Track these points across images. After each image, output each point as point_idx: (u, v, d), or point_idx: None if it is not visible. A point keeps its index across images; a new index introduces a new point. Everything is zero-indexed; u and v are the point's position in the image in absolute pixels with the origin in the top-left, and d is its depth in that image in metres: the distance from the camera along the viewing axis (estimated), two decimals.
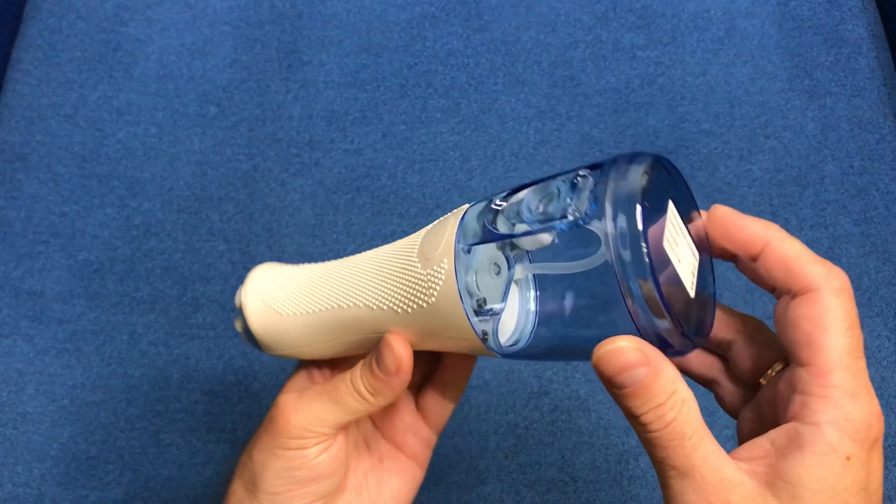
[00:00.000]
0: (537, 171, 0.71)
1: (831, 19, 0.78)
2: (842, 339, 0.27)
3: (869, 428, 0.26)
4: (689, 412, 0.27)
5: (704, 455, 0.27)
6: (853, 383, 0.27)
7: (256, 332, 0.39)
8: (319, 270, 0.40)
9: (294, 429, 0.34)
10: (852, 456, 0.26)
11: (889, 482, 0.61)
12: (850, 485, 0.26)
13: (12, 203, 0.70)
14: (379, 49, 0.77)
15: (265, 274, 0.41)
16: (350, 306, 0.37)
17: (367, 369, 0.34)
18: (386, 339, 0.34)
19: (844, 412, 0.26)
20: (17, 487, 0.60)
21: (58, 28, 0.77)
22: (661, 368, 0.27)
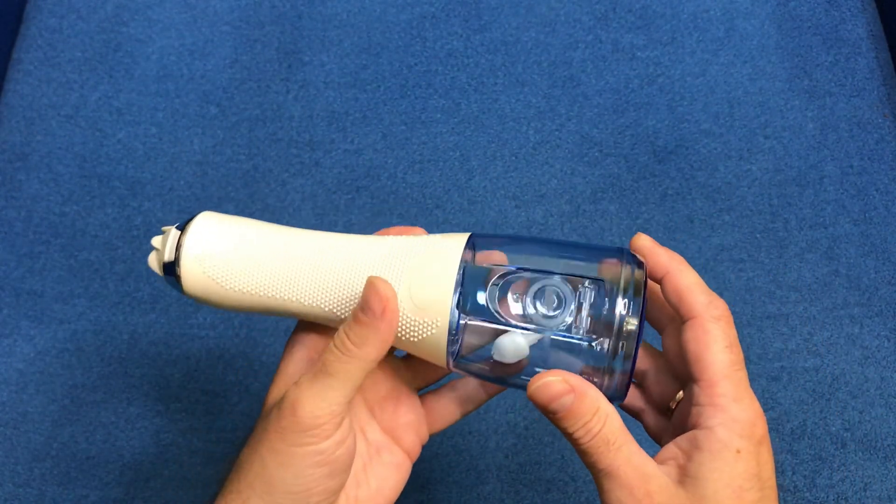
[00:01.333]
0: (537, 171, 0.71)
1: (831, 20, 0.79)
2: (722, 356, 0.33)
3: (753, 426, 0.32)
4: (612, 423, 0.33)
5: (626, 456, 0.32)
6: (736, 391, 0.33)
7: (190, 293, 0.37)
8: (278, 247, 0.36)
9: (305, 420, 0.33)
10: (742, 449, 0.32)
11: (889, 482, 0.61)
12: (743, 472, 0.32)
13: (13, 203, 0.70)
14: (379, 49, 0.77)
15: (207, 235, 0.37)
16: (313, 306, 0.36)
17: (351, 321, 0.33)
18: (370, 282, 0.33)
19: (730, 415, 0.32)
20: (18, 487, 0.60)
21: (58, 28, 0.77)
22: (584, 392, 0.33)
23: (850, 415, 0.62)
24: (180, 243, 0.37)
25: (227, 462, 0.62)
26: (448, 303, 0.34)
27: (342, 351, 0.33)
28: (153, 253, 0.38)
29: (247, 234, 0.37)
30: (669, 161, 0.72)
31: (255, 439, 0.35)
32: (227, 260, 0.36)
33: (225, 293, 0.36)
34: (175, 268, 0.37)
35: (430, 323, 0.34)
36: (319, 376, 0.33)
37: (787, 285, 0.67)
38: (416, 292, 0.34)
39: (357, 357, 0.33)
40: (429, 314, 0.34)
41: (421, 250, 0.35)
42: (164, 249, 0.37)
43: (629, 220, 0.69)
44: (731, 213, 0.70)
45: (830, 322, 0.66)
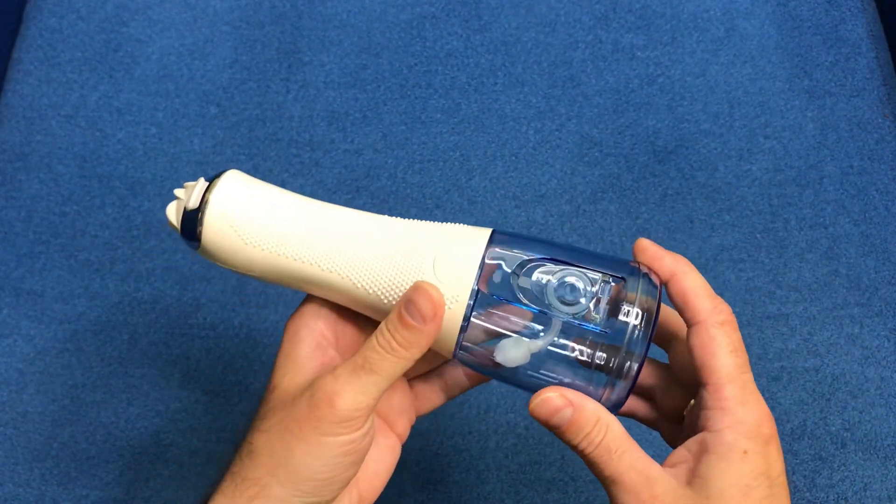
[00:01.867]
0: (537, 172, 0.71)
1: (831, 20, 0.79)
2: (728, 360, 0.34)
3: (759, 426, 0.33)
4: (613, 432, 0.34)
5: (630, 462, 0.33)
6: (741, 394, 0.33)
7: (208, 246, 0.36)
8: (309, 214, 0.36)
9: (343, 412, 0.33)
10: (749, 450, 0.32)
11: (889, 482, 0.61)
12: (750, 471, 0.32)
13: (13, 203, 0.70)
14: (379, 49, 0.77)
15: (238, 189, 0.36)
16: (332, 273, 0.36)
17: (398, 323, 0.34)
18: (422, 287, 0.34)
19: (737, 417, 0.33)
20: (18, 487, 0.60)
21: (58, 28, 0.77)
22: (583, 406, 0.34)
23: (850, 415, 0.62)
24: (208, 193, 0.35)
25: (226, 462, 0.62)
26: (471, 279, 0.35)
27: (387, 350, 0.34)
28: (174, 203, 0.36)
29: (277, 193, 0.37)
30: (669, 161, 0.72)
31: (276, 426, 0.35)
32: (255, 216, 0.36)
33: (245, 249, 0.36)
34: (198, 216, 0.35)
35: (451, 297, 0.35)
36: (360, 372, 0.34)
37: (787, 285, 0.67)
38: (440, 268, 0.35)
39: (401, 358, 0.34)
40: (450, 288, 0.35)
41: (451, 233, 0.36)
42: (187, 197, 0.36)
43: (629, 220, 0.69)
44: (731, 213, 0.70)
45: (830, 322, 0.66)
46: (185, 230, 0.36)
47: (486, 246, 0.35)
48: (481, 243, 0.35)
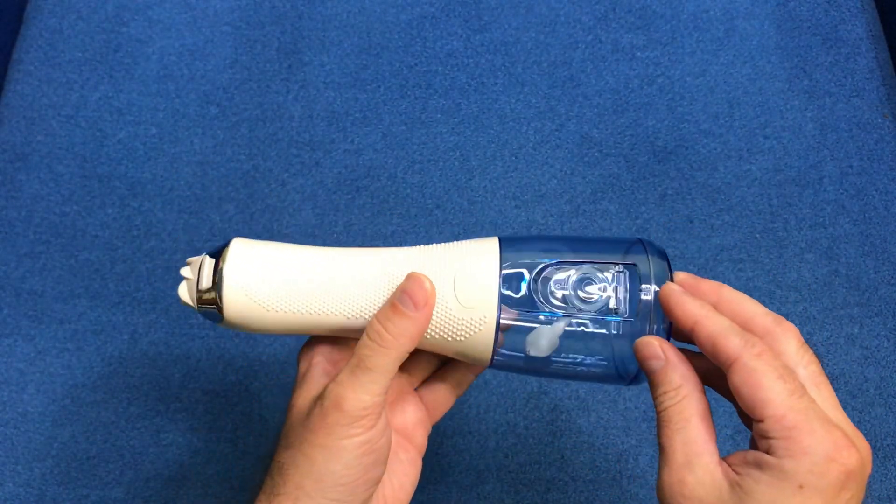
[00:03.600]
0: (537, 171, 0.71)
1: (830, 20, 0.79)
2: (778, 386, 0.31)
3: (829, 461, 0.29)
4: (683, 406, 0.33)
5: (683, 440, 0.32)
6: (806, 421, 0.30)
7: (230, 319, 0.37)
8: (318, 266, 0.37)
9: (352, 413, 0.34)
10: (806, 486, 0.29)
11: (889, 482, 0.61)
12: None
13: (13, 203, 0.70)
14: (379, 49, 0.77)
15: (247, 259, 0.37)
16: (357, 318, 0.36)
17: (390, 313, 0.34)
18: (412, 275, 0.35)
19: (801, 447, 0.30)
20: (18, 487, 0.60)
21: (59, 28, 0.77)
22: (674, 366, 0.33)
23: (849, 414, 0.62)
24: (219, 269, 0.36)
25: (228, 461, 0.62)
26: (494, 300, 0.35)
27: (379, 343, 0.34)
28: (184, 283, 0.37)
29: (285, 255, 0.37)
30: (669, 161, 0.72)
31: (296, 441, 0.36)
32: (270, 282, 0.36)
33: (267, 315, 0.36)
34: (216, 294, 0.36)
35: (479, 320, 0.36)
36: (358, 371, 0.34)
37: (787, 285, 0.67)
38: (462, 293, 0.36)
39: (394, 348, 0.34)
40: (476, 312, 0.36)
41: (459, 254, 0.37)
42: (198, 277, 0.36)
43: (629, 220, 0.69)
44: (731, 213, 0.70)
45: (830, 322, 0.66)
46: (204, 307, 0.37)
47: (500, 262, 0.36)
48: (494, 257, 0.36)
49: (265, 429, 0.62)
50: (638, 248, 0.37)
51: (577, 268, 0.36)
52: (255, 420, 0.63)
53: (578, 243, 0.38)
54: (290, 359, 0.64)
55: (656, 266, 0.36)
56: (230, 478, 0.61)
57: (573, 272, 0.36)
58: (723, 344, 0.33)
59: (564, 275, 0.36)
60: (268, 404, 0.63)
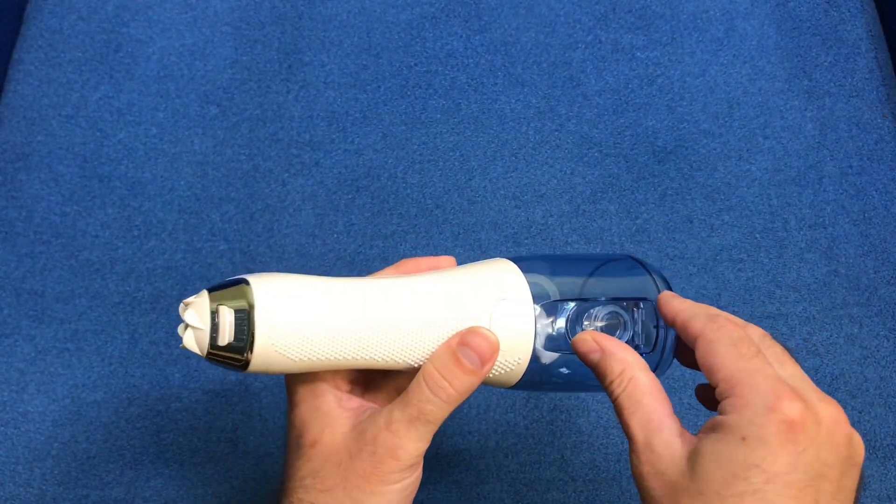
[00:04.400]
0: (537, 171, 0.71)
1: (830, 20, 0.79)
2: (730, 352, 0.32)
3: (769, 410, 0.30)
4: (631, 390, 0.33)
5: (640, 422, 0.33)
6: (749, 377, 0.31)
7: (253, 370, 0.34)
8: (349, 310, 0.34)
9: (407, 462, 0.35)
10: (748, 436, 0.30)
11: (889, 482, 0.61)
12: (742, 460, 0.29)
13: (13, 203, 0.70)
14: (379, 50, 0.77)
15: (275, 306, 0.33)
16: (389, 360, 0.35)
17: (455, 369, 0.34)
18: (480, 332, 0.35)
19: (743, 401, 0.31)
20: (18, 487, 0.61)
21: (59, 29, 0.77)
22: (610, 353, 0.35)
23: (849, 414, 0.62)
24: (247, 324, 0.32)
25: (228, 461, 0.62)
26: (530, 343, 0.36)
27: (444, 399, 0.34)
28: (190, 332, 0.33)
29: (311, 298, 0.34)
30: (669, 161, 0.72)
31: (339, 485, 0.35)
32: (299, 332, 0.33)
33: (292, 364, 0.34)
34: (244, 351, 0.33)
35: (513, 362, 0.37)
36: (418, 423, 0.34)
37: (787, 285, 0.67)
38: (500, 334, 0.36)
39: (456, 402, 0.35)
40: (512, 355, 0.36)
41: (493, 292, 0.36)
42: (214, 328, 0.33)
43: (629, 220, 0.69)
44: (731, 213, 0.70)
45: (830, 322, 0.66)
46: (220, 362, 0.33)
47: (532, 302, 0.37)
48: (528, 300, 0.37)
49: (265, 429, 0.62)
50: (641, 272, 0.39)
51: (603, 307, 0.38)
52: (255, 420, 0.63)
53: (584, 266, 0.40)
54: None
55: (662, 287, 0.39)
56: (230, 478, 0.61)
57: (600, 312, 0.38)
58: (691, 325, 0.35)
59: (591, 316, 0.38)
60: (268, 404, 0.63)
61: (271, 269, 0.67)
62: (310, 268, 0.67)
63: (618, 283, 0.39)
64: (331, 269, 0.67)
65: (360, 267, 0.67)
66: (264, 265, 0.67)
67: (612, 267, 0.40)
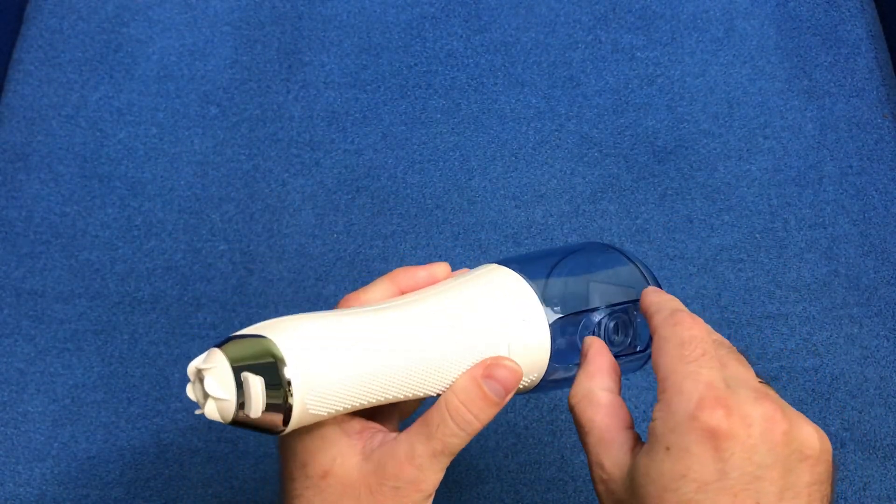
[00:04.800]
0: (537, 171, 0.71)
1: (830, 20, 0.79)
2: (675, 352, 0.31)
3: (691, 419, 0.28)
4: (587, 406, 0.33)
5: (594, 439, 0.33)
6: (679, 381, 0.30)
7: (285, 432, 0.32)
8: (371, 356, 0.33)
9: (431, 490, 0.34)
10: (671, 446, 0.29)
11: (888, 482, 0.61)
12: (668, 471, 0.28)
13: (13, 203, 0.70)
14: (379, 50, 0.77)
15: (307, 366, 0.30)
16: (410, 395, 0.35)
17: (480, 402, 0.34)
18: (500, 362, 0.35)
19: (669, 407, 0.29)
20: (18, 487, 0.61)
21: (59, 29, 0.77)
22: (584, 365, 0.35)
23: (849, 415, 0.63)
24: (289, 386, 0.30)
25: (228, 461, 0.62)
26: (545, 364, 0.37)
27: (468, 431, 0.34)
28: (211, 402, 0.31)
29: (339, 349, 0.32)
30: (669, 161, 0.72)
31: None
32: (333, 390, 0.32)
33: (322, 417, 0.33)
34: (279, 421, 0.30)
35: (528, 381, 0.37)
36: (441, 457, 0.34)
37: (787, 285, 0.67)
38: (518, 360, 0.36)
39: (476, 430, 0.34)
40: (528, 375, 0.37)
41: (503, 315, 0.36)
42: (242, 398, 0.30)
43: (629, 220, 0.69)
44: (731, 213, 0.70)
45: (830, 322, 0.66)
46: (251, 429, 0.31)
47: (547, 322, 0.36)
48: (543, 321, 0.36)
49: None
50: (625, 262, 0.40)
51: (608, 314, 0.38)
52: None
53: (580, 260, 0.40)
54: None
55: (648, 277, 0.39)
56: (230, 478, 0.61)
57: (605, 319, 0.38)
58: (653, 319, 0.34)
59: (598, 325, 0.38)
60: None
61: (271, 269, 0.67)
62: (310, 268, 0.67)
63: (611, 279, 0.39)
64: (331, 269, 0.67)
65: (360, 267, 0.67)
66: (264, 265, 0.67)
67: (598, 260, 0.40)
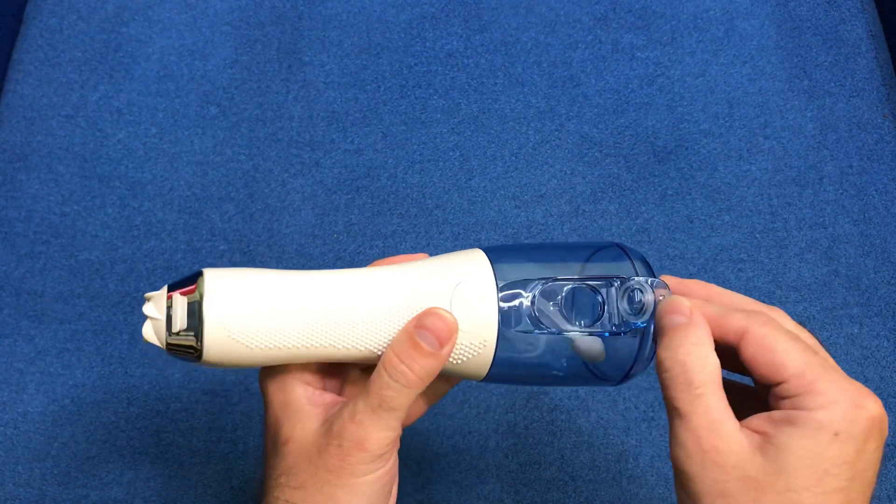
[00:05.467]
0: (537, 171, 0.71)
1: (830, 20, 0.79)
2: (791, 347, 0.31)
3: (858, 408, 0.30)
4: (707, 370, 0.31)
5: (706, 405, 0.31)
6: (827, 375, 0.30)
7: (209, 361, 0.34)
8: (305, 295, 0.34)
9: (375, 452, 0.34)
10: (841, 433, 0.29)
11: (889, 482, 0.61)
12: (835, 457, 0.29)
13: (13, 203, 0.70)
14: (379, 50, 0.77)
15: (228, 292, 0.33)
16: (350, 348, 0.35)
17: (413, 353, 0.33)
18: (436, 313, 0.34)
19: (830, 398, 0.30)
20: (18, 487, 0.60)
21: (58, 28, 0.77)
22: (698, 326, 0.32)
23: None
24: (198, 308, 0.33)
25: (228, 461, 0.62)
26: (494, 323, 0.35)
27: (405, 384, 0.34)
28: (149, 323, 0.34)
29: (268, 284, 0.34)
30: (669, 161, 0.72)
31: (309, 480, 0.35)
32: (257, 317, 0.33)
33: (250, 353, 0.34)
34: (194, 336, 0.33)
35: (478, 344, 0.35)
36: (380, 411, 0.34)
37: (787, 285, 0.67)
38: (461, 317, 0.34)
39: (418, 387, 0.34)
40: (476, 336, 0.35)
41: (453, 275, 0.35)
42: (169, 317, 0.33)
43: (629, 220, 0.69)
44: (731, 213, 0.70)
45: (830, 322, 0.66)
46: (178, 352, 0.34)
47: (496, 283, 0.35)
48: (490, 281, 0.35)
49: None
50: (621, 257, 0.37)
51: (572, 284, 0.36)
52: (255, 420, 0.63)
53: (561, 252, 0.38)
54: None
55: (642, 272, 0.36)
56: (230, 478, 0.61)
57: (568, 289, 0.36)
58: (728, 321, 0.33)
59: (560, 293, 0.36)
60: None
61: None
62: (309, 268, 0.67)
63: (593, 267, 0.37)
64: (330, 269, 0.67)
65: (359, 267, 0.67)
66: (264, 265, 0.67)
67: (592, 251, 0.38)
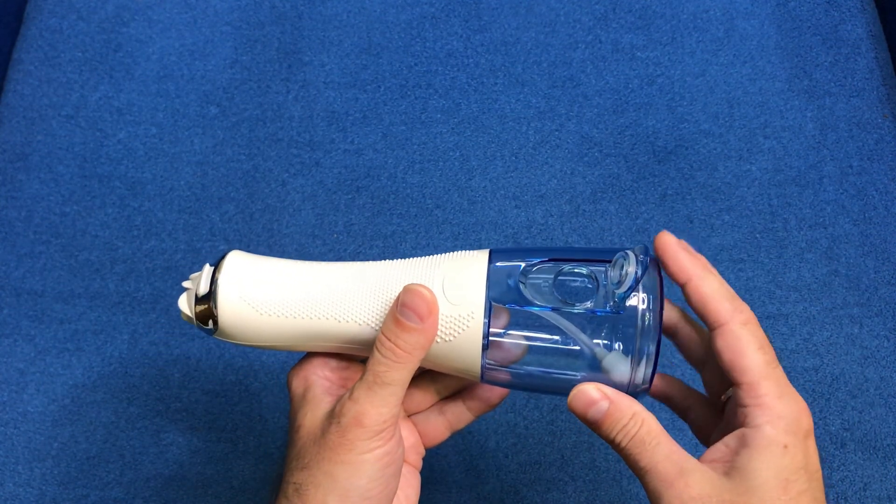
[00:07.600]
0: (537, 171, 0.71)
1: (830, 20, 0.79)
2: (757, 357, 0.34)
3: (798, 421, 0.34)
4: (649, 425, 0.35)
5: (665, 453, 0.34)
6: (777, 389, 0.34)
7: (224, 325, 0.38)
8: (312, 275, 0.38)
9: (373, 428, 0.35)
10: (789, 444, 0.33)
11: (889, 482, 0.61)
12: (790, 465, 0.33)
13: (13, 203, 0.70)
14: (379, 50, 0.77)
15: (243, 266, 0.38)
16: (349, 322, 0.37)
17: (396, 329, 0.35)
18: (412, 289, 0.35)
19: (776, 412, 0.34)
20: (18, 487, 0.61)
21: (59, 28, 0.77)
22: (618, 399, 0.35)
23: (849, 415, 0.63)
24: (216, 276, 0.38)
25: (228, 461, 0.62)
26: (482, 294, 0.36)
27: (393, 359, 0.35)
28: (184, 295, 0.38)
29: (281, 264, 0.39)
30: (669, 161, 0.72)
31: (313, 460, 0.36)
32: (267, 287, 0.37)
33: (261, 321, 0.37)
34: (211, 299, 0.37)
35: (467, 316, 0.36)
36: (375, 387, 0.35)
37: (787, 285, 0.67)
38: (450, 291, 0.36)
39: (408, 362, 0.35)
40: (464, 308, 0.36)
41: (449, 259, 0.38)
42: (196, 285, 0.38)
43: (629, 221, 0.69)
44: (731, 213, 0.70)
45: (830, 322, 0.66)
46: (201, 315, 0.38)
47: (487, 261, 0.37)
48: (483, 259, 0.37)
49: (265, 429, 0.62)
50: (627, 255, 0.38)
51: (565, 264, 0.37)
52: (255, 420, 0.63)
53: (570, 250, 0.40)
54: (289, 359, 0.64)
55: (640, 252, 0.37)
56: (230, 478, 0.61)
57: (561, 268, 0.37)
58: (714, 307, 0.35)
59: (552, 271, 0.37)
60: (268, 404, 0.63)
61: None
62: None
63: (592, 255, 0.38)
64: None
65: None
66: None
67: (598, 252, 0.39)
